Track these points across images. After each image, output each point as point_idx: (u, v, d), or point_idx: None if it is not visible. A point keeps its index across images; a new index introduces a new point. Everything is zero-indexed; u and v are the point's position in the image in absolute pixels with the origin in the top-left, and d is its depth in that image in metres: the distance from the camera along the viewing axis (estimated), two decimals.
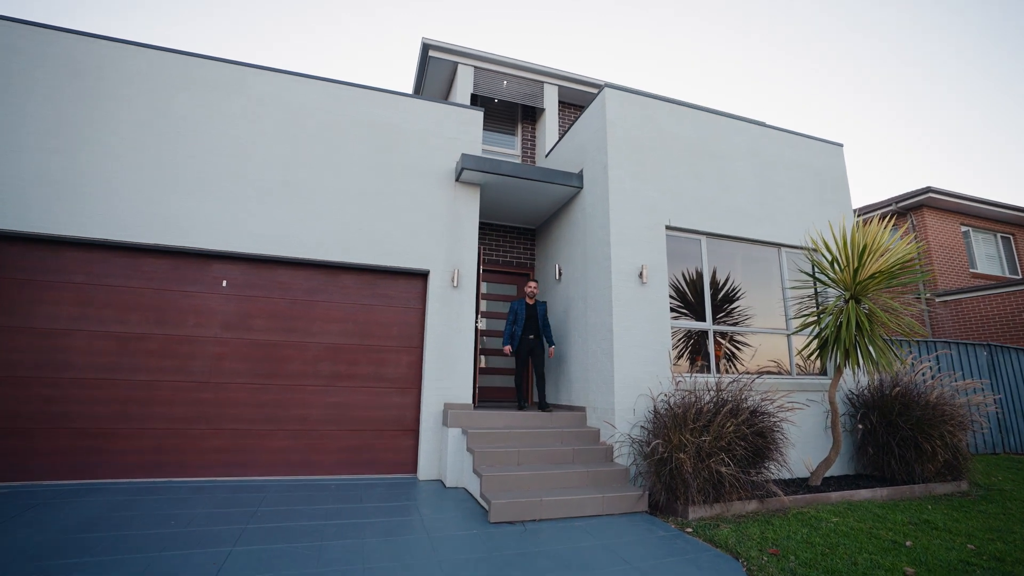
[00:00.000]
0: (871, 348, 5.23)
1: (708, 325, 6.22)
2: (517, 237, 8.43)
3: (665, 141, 6.48)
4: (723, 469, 4.31)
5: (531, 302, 6.41)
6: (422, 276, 6.36)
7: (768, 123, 7.31)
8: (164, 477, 5.18)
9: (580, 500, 4.45)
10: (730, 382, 5.15)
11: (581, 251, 6.63)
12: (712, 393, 5.04)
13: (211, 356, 5.53)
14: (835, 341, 5.27)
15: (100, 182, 5.31)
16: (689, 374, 5.76)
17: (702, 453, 4.44)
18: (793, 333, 5.89)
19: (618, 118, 6.29)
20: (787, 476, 5.60)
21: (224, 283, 5.72)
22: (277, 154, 5.98)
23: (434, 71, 8.76)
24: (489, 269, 8.10)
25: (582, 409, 6.14)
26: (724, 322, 6.42)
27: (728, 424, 4.48)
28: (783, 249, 6.90)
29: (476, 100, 8.96)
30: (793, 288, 6.18)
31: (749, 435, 4.50)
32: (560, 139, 7.80)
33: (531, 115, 9.31)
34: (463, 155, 6.26)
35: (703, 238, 6.46)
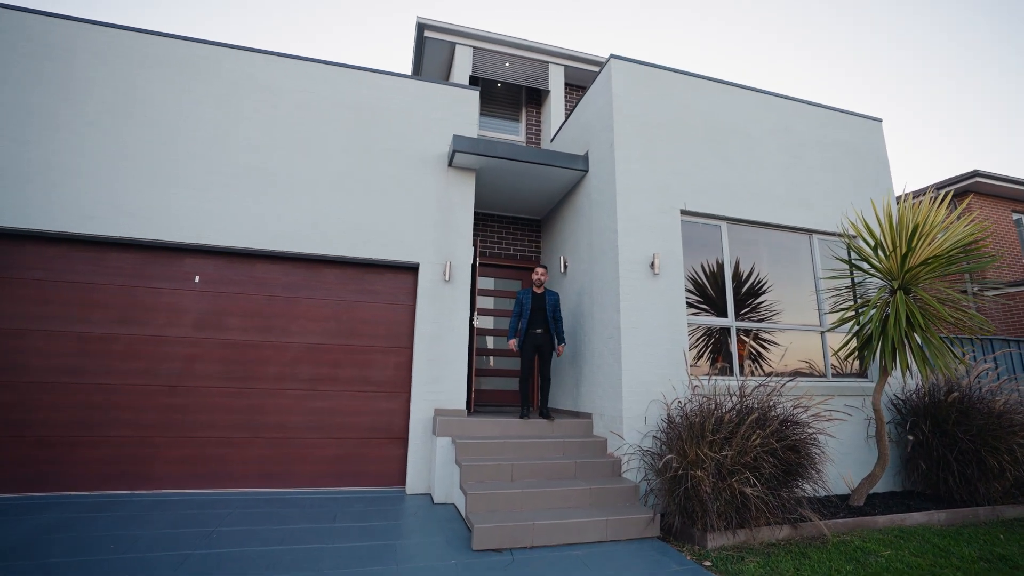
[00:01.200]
0: (924, 347, 4.47)
1: (730, 321, 5.52)
2: (521, 229, 7.84)
3: (680, 117, 5.80)
4: (748, 490, 3.64)
5: (539, 291, 5.69)
6: (412, 270, 5.83)
7: (797, 96, 6.54)
8: (127, 489, 4.76)
9: (580, 524, 3.84)
10: (756, 387, 4.46)
11: (587, 241, 6.00)
12: (735, 399, 4.37)
13: (181, 358, 5.09)
14: (880, 338, 4.53)
15: (62, 170, 4.93)
16: (708, 377, 5.08)
17: (723, 470, 3.77)
18: (829, 330, 5.16)
19: (626, 92, 5.64)
20: (823, 493, 4.87)
21: (196, 279, 5.29)
22: (253, 139, 5.52)
23: (431, 53, 8.24)
24: (491, 263, 7.53)
25: (588, 416, 5.51)
26: (748, 318, 5.71)
27: (754, 437, 3.81)
28: (815, 236, 6.14)
29: (478, 84, 8.40)
30: (828, 278, 5.43)
31: (779, 450, 3.82)
32: (565, 121, 7.18)
33: (536, 98, 8.71)
34: (455, 136, 5.70)
35: (724, 224, 5.76)
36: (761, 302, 5.88)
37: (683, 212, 5.52)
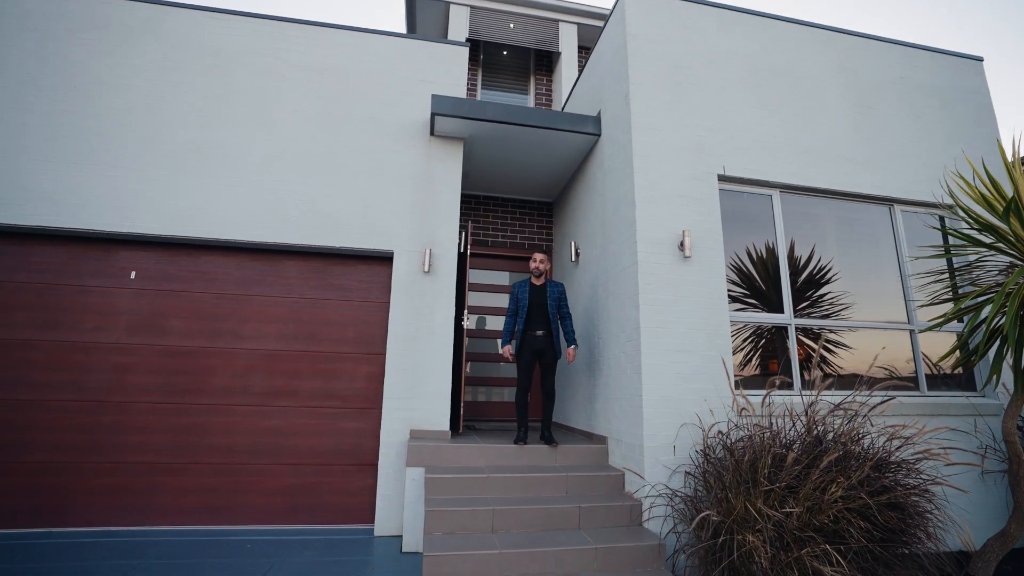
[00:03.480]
0: None
1: (787, 319, 4.26)
2: (529, 213, 6.76)
3: (714, 59, 4.57)
4: (827, 570, 2.42)
5: (538, 282, 4.53)
6: (386, 260, 4.85)
7: (865, 32, 5.16)
8: (40, 527, 3.98)
9: None
10: (830, 410, 3.21)
11: (600, 220, 4.85)
12: (799, 425, 3.14)
13: (112, 368, 4.29)
14: (1015, 339, 3.18)
15: None
16: (761, 393, 3.85)
17: (787, 535, 2.57)
18: (931, 328, 3.81)
19: (643, 30, 4.46)
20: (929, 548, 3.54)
21: (133, 274, 4.49)
22: (198, 110, 4.69)
23: (424, 16, 7.27)
24: (495, 253, 6.48)
25: (603, 441, 4.37)
26: (810, 314, 4.42)
27: (833, 487, 2.58)
28: (897, 207, 4.76)
29: (479, 49, 7.37)
30: (930, 257, 4.09)
31: (874, 508, 2.57)
32: (576, 83, 6.05)
33: (546, 64, 7.60)
34: (434, 97, 4.68)
35: (775, 193, 4.49)
36: (824, 294, 4.57)
37: (722, 178, 4.30)
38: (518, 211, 6.73)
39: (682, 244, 3.95)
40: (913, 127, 4.92)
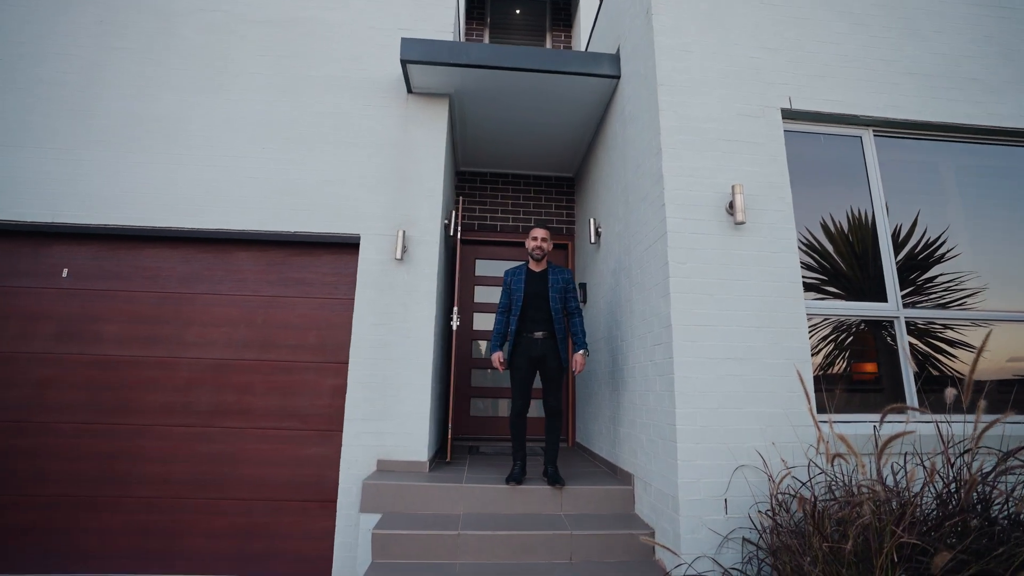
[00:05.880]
0: None
1: (892, 309, 2.97)
2: (546, 191, 5.69)
3: None
4: None
5: (537, 268, 3.46)
6: (356, 248, 3.96)
7: None
8: None
9: None
10: (998, 466, 1.95)
11: (622, 186, 3.73)
12: (941, 479, 1.91)
13: (33, 382, 3.64)
14: None
15: None
16: (855, 420, 2.61)
17: None
18: None
19: None
20: None
21: (65, 272, 3.84)
22: (137, 78, 4.00)
23: None
24: (502, 240, 5.47)
25: (627, 479, 3.24)
26: (921, 303, 3.10)
27: None
28: None
29: (485, 5, 6.40)
30: None
31: None
32: (594, 24, 4.92)
33: (564, 16, 6.50)
34: (403, 40, 3.74)
35: (867, 133, 3.20)
36: (934, 276, 3.22)
37: (787, 115, 3.07)
38: (532, 189, 5.68)
39: (731, 205, 2.77)
40: None
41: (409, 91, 4.09)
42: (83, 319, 3.77)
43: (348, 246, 3.95)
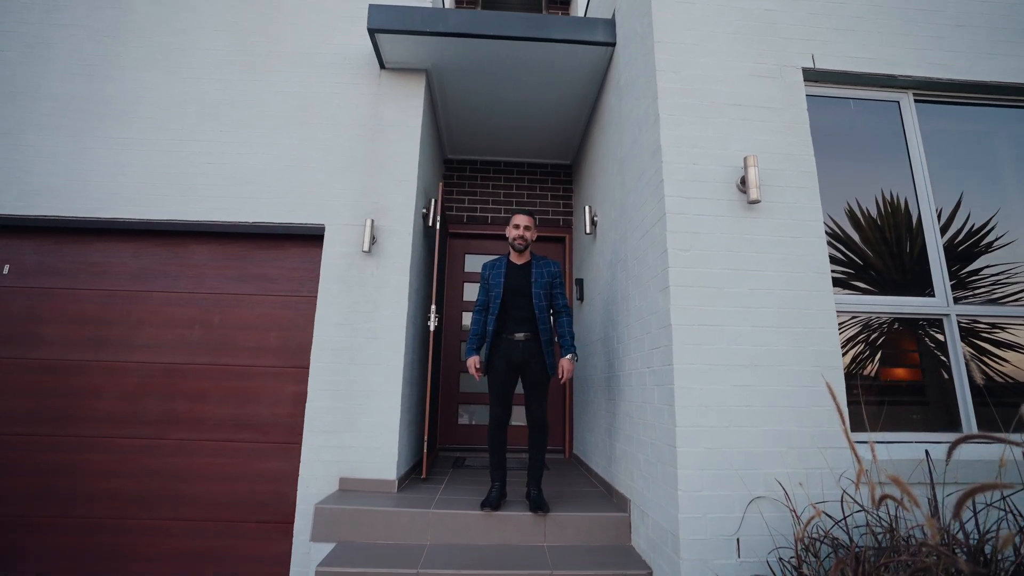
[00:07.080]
0: None
1: (942, 304, 2.49)
2: (541, 180, 5.25)
3: None
4: None
5: (519, 261, 3.03)
6: (320, 240, 3.56)
7: None
8: None
9: None
10: None
11: (617, 165, 3.28)
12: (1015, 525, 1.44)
13: None
14: None
15: None
16: (892, 441, 2.14)
17: None
18: None
19: None
20: None
21: (6, 269, 3.51)
22: (86, 56, 3.66)
23: None
24: (494, 233, 5.04)
25: (624, 504, 2.79)
26: (965, 299, 2.61)
27: None
28: None
29: None
30: None
31: None
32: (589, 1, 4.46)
33: None
34: (371, 7, 3.33)
35: (906, 97, 2.71)
36: (980, 268, 2.72)
37: (809, 75, 2.59)
38: (526, 178, 5.24)
39: (743, 181, 2.31)
40: None
41: (382, 67, 3.69)
42: (24, 320, 3.43)
43: (314, 238, 3.56)
